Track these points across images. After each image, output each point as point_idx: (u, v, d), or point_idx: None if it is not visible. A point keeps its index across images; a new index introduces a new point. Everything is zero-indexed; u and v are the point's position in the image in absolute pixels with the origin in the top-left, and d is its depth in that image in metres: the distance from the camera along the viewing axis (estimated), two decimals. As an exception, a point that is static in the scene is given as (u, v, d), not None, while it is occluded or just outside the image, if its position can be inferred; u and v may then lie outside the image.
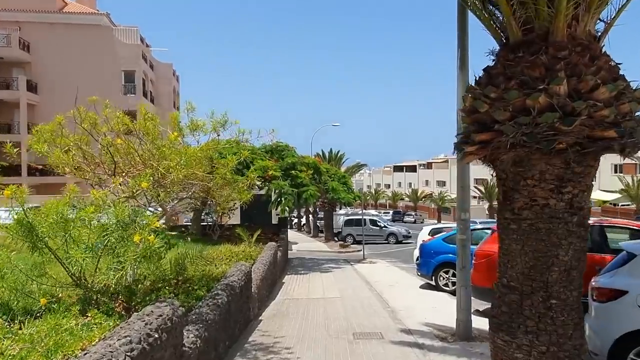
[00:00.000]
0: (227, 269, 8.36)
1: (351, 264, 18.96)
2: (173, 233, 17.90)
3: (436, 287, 11.88)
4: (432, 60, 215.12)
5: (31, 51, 38.49)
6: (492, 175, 5.26)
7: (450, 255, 11.69)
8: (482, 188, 56.36)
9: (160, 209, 7.43)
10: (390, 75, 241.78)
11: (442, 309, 9.56)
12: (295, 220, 57.38)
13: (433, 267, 11.84)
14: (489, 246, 8.62)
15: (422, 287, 12.67)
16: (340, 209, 56.64)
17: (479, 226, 13.87)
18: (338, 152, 36.67)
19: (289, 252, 25.99)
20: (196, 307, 5.69)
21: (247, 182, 7.07)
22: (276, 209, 15.97)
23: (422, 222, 63.44)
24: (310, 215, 45.02)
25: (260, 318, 8.63)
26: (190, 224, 19.87)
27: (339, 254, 26.69)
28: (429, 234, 16.04)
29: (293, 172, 16.58)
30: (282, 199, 15.65)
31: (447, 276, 11.73)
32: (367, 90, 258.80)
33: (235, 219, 31.26)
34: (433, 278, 11.90)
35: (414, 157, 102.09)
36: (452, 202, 71.49)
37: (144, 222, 4.50)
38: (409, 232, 33.95)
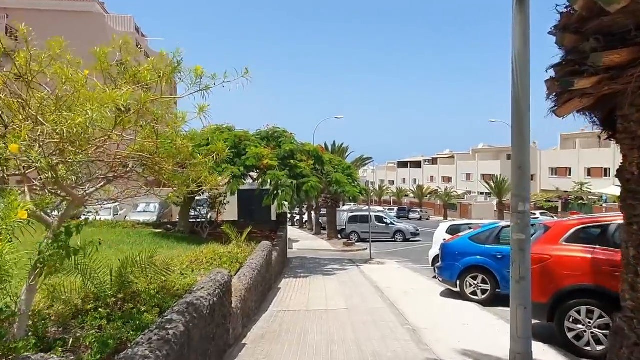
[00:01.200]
0: (199, 278, 6.41)
1: (357, 265, 16.99)
2: (158, 231, 15.91)
3: (461, 295, 9.89)
4: (436, 54, 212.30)
5: (19, 39, 36.52)
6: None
7: (479, 257, 9.72)
8: (491, 183, 54.13)
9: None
10: (394, 70, 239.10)
11: (476, 327, 7.58)
12: (297, 217, 55.45)
13: (458, 271, 9.84)
14: (543, 248, 6.63)
15: (443, 294, 10.68)
16: (344, 204, 54.64)
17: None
18: (342, 144, 34.57)
19: (289, 250, 24.07)
20: (131, 344, 3.72)
21: (213, 158, 4.98)
22: (272, 203, 14.00)
23: (427, 219, 61.36)
24: (313, 212, 43.01)
25: (243, 341, 6.66)
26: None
27: (343, 253, 24.74)
28: (446, 232, 14.06)
29: (292, 161, 14.59)
30: (279, 191, 13.67)
31: (475, 282, 9.72)
32: (371, 86, 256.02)
33: (232, 214, 29.35)
34: (458, 284, 9.90)
35: (417, 153, 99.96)
36: (458, 198, 69.39)
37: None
38: (417, 230, 31.92)
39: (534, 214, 42.91)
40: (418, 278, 13.82)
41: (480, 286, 9.67)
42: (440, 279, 10.49)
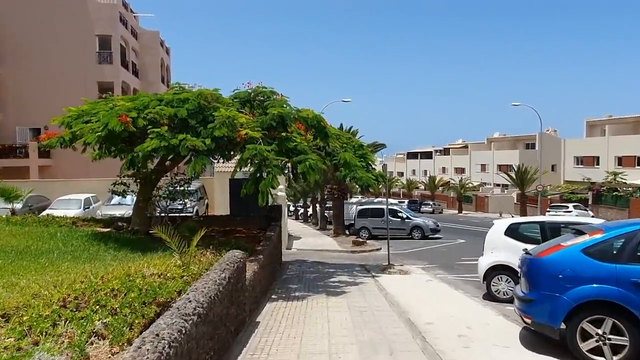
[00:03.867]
0: None
1: (373, 276, 12.70)
2: (105, 230, 11.61)
3: (570, 351, 5.59)
4: (443, 43, 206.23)
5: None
6: None
7: (604, 285, 5.40)
8: (511, 174, 49.47)
9: None
10: (401, 61, 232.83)
11: None
12: (302, 210, 51.31)
13: (566, 310, 5.52)
14: None
15: (526, 341, 6.39)
16: (351, 196, 50.22)
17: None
18: (350, 127, 30.00)
19: (287, 252, 19.85)
20: None
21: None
22: (249, 191, 9.66)
23: (440, 212, 56.97)
24: (317, 205, 38.80)
25: None
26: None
27: (353, 254, 20.45)
28: (505, 234, 9.71)
29: (283, 133, 10.30)
30: (263, 174, 9.38)
31: (600, 332, 5.40)
32: (378, 77, 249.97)
33: (224, 208, 25.11)
34: (565, 330, 5.58)
35: (427, 144, 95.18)
36: (473, 189, 64.73)
37: None
38: (438, 225, 27.52)
39: (567, 207, 38.42)
40: (464, 301, 9.50)
41: (610, 339, 5.35)
42: (528, 320, 6.10)
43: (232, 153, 10.81)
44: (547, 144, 57.81)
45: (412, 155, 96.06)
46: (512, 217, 12.16)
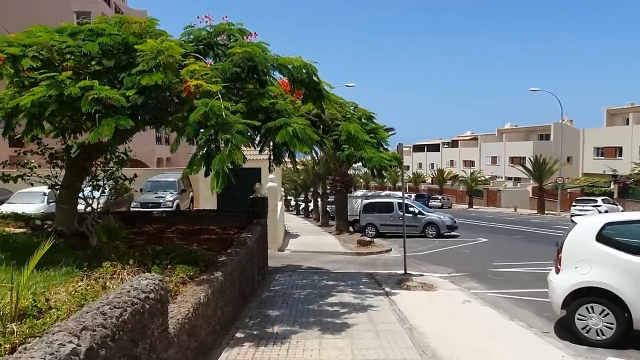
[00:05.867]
0: None
1: (386, 293, 9.30)
2: (19, 230, 8.21)
3: None
4: (447, 40, 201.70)
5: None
6: None
7: None
8: (527, 166, 45.81)
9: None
10: (402, 54, 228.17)
11: None
12: (303, 205, 48.00)
13: None
14: None
15: None
16: (355, 190, 46.77)
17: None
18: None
19: (280, 254, 16.54)
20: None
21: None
22: (194, 171, 6.27)
23: (449, 207, 53.42)
24: (319, 199, 35.45)
25: None
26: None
27: (358, 256, 17.06)
28: (597, 239, 6.27)
29: (253, 86, 6.90)
30: (220, 143, 5.96)
31: None
32: (379, 71, 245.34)
33: (211, 202, 21.75)
34: None
35: (431, 137, 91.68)
36: (484, 183, 61.10)
37: None
38: (455, 222, 24.05)
39: (595, 201, 34.86)
40: (538, 345, 6.09)
41: None
42: None
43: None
44: (563, 134, 54.18)
45: (418, 148, 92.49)
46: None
